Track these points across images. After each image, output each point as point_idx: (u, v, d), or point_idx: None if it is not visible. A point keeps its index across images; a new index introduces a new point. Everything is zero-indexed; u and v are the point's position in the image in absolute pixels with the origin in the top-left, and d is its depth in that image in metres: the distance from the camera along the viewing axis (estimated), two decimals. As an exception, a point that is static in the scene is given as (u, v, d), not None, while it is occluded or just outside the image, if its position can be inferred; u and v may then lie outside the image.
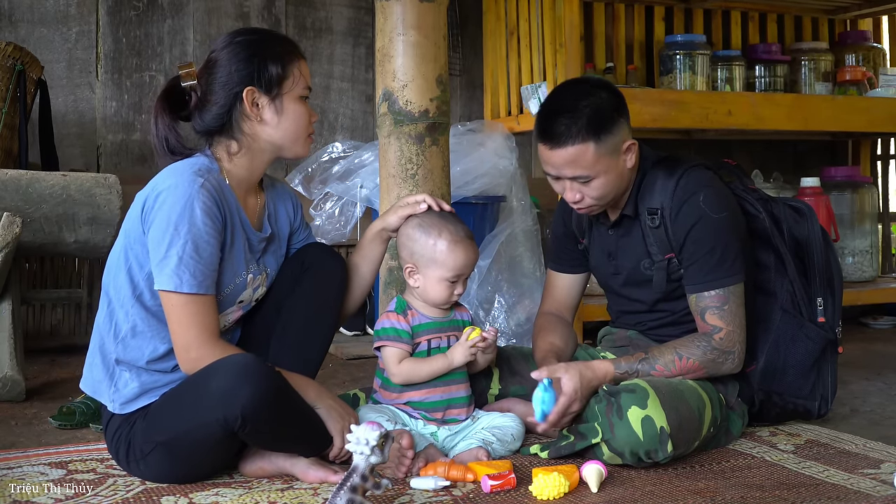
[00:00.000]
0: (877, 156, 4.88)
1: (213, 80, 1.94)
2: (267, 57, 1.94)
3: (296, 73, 1.97)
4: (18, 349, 2.76)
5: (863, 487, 1.87)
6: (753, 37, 4.52)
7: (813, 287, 2.32)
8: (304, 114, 1.99)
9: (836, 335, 2.31)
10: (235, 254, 1.96)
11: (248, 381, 1.76)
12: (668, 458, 1.96)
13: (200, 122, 1.96)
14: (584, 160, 2.08)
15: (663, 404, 1.96)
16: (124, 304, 1.92)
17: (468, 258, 2.13)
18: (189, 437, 1.82)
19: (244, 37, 1.98)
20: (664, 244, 2.18)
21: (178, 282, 1.83)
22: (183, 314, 1.85)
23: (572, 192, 2.14)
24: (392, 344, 2.11)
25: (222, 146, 1.97)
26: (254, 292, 2.04)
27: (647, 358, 2.12)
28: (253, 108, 1.94)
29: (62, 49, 3.71)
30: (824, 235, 2.36)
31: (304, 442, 1.92)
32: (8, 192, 2.75)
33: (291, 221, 2.16)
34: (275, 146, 1.99)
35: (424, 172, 2.50)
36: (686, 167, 2.18)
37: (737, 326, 2.13)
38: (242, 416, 1.75)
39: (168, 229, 1.82)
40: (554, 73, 3.56)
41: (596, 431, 1.99)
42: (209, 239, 1.85)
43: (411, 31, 2.50)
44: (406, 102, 2.50)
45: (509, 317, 3.34)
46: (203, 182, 1.86)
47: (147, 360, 1.91)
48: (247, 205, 2.02)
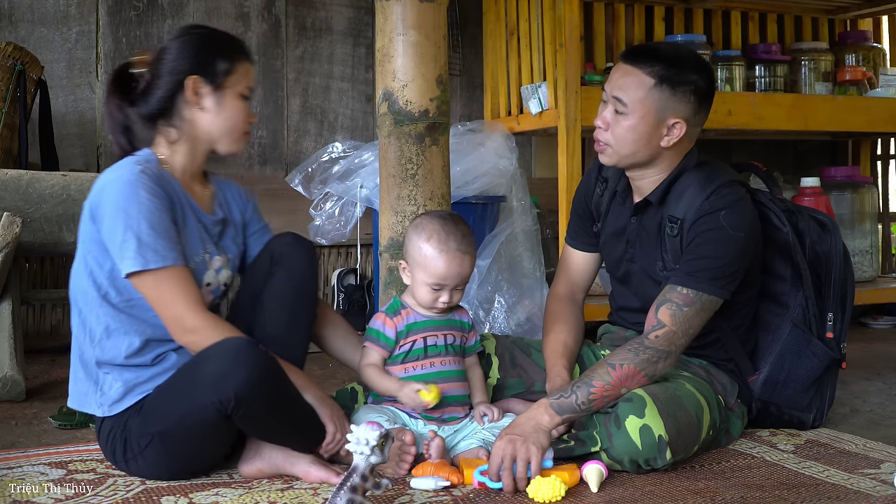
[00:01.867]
0: (877, 156, 4.88)
1: (162, 66, 2.01)
2: (216, 51, 2.02)
3: (240, 72, 2.04)
4: (18, 349, 2.77)
5: (863, 487, 1.87)
6: (753, 37, 4.51)
7: (826, 302, 2.31)
8: (243, 111, 2.06)
9: (840, 351, 2.31)
10: (189, 233, 1.99)
11: (242, 363, 1.78)
12: (667, 465, 1.95)
13: (144, 105, 2.03)
14: (634, 88, 2.11)
15: (661, 412, 1.95)
16: (93, 307, 1.96)
17: (452, 270, 2.11)
18: (184, 423, 1.83)
19: (198, 30, 2.08)
20: (678, 255, 2.15)
21: (144, 260, 1.86)
22: (162, 291, 1.88)
23: (604, 118, 2.15)
24: (370, 345, 2.16)
25: (162, 135, 2.04)
26: (217, 274, 2.06)
27: (580, 380, 2.02)
28: (194, 96, 2.00)
29: (62, 49, 3.71)
30: (845, 252, 2.34)
31: (298, 432, 1.93)
32: (8, 192, 2.75)
33: (243, 211, 2.20)
34: (211, 137, 2.05)
35: (424, 172, 2.50)
36: (719, 184, 2.12)
37: (681, 330, 2.04)
38: (236, 398, 1.77)
39: (119, 215, 1.87)
40: (554, 73, 3.56)
41: (595, 440, 1.99)
42: (161, 214, 1.90)
43: (411, 31, 2.50)
44: (406, 102, 2.50)
45: (509, 317, 3.34)
46: (142, 168, 1.92)
47: (126, 356, 1.93)
48: (194, 192, 2.07)
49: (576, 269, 2.45)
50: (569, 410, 1.98)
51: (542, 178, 4.32)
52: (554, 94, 3.55)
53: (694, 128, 2.17)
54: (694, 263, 2.08)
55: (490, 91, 4.08)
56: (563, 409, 1.98)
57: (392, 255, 2.52)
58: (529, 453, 1.87)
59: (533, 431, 1.92)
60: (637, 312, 2.32)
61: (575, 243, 2.45)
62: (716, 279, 2.06)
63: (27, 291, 3.14)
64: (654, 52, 2.16)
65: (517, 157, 3.58)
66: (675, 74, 2.11)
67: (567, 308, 2.39)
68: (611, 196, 2.33)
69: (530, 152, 4.39)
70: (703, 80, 2.15)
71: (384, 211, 2.56)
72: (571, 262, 2.45)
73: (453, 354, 2.18)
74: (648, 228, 2.23)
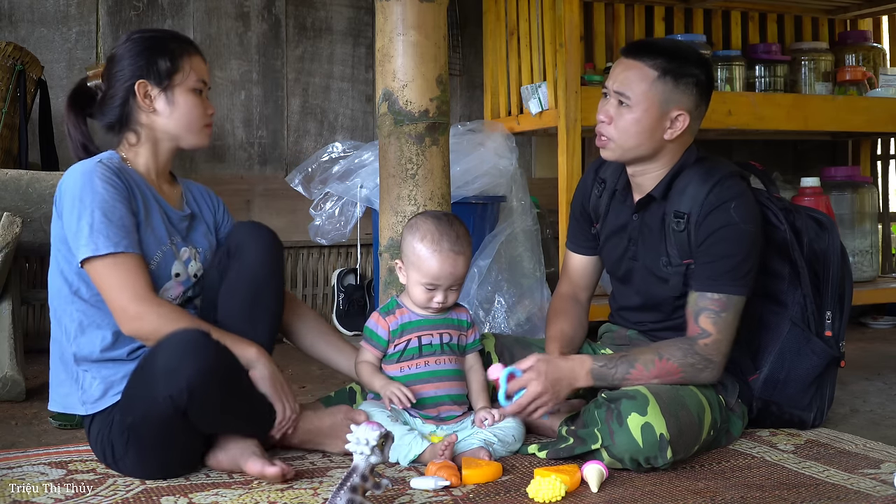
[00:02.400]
0: (877, 156, 4.88)
1: (112, 76, 2.05)
2: (157, 52, 2.03)
3: (186, 68, 2.05)
4: (18, 349, 2.77)
5: (863, 487, 1.87)
6: (753, 37, 4.51)
7: (824, 300, 2.31)
8: (197, 105, 2.07)
9: (839, 349, 2.31)
10: (154, 224, 2.01)
11: (193, 355, 1.78)
12: (667, 464, 1.96)
13: (102, 116, 2.07)
14: (637, 81, 2.12)
15: (663, 411, 1.95)
16: (65, 304, 1.98)
17: (445, 270, 2.11)
18: (147, 418, 1.84)
19: (140, 34, 2.08)
20: (684, 250, 2.16)
21: (95, 246, 1.88)
22: (110, 277, 1.89)
23: (606, 112, 2.16)
24: (365, 344, 2.19)
25: (125, 140, 2.07)
26: (186, 265, 2.06)
27: (627, 355, 2.10)
28: (145, 100, 2.03)
29: (62, 49, 3.71)
30: (843, 250, 2.34)
31: (249, 421, 1.95)
32: (8, 192, 2.75)
33: (214, 212, 2.21)
34: (171, 136, 2.07)
35: (424, 172, 2.50)
36: (721, 175, 2.15)
37: (725, 337, 2.09)
38: (189, 391, 1.76)
39: (74, 205, 1.90)
40: (554, 73, 3.56)
41: (596, 437, 1.99)
42: (115, 203, 1.92)
43: (411, 31, 2.50)
44: (406, 102, 2.50)
45: (509, 317, 3.34)
46: (99, 161, 1.96)
47: (100, 350, 1.95)
48: (161, 189, 2.09)
49: (577, 273, 2.45)
50: (603, 381, 2.08)
51: (542, 178, 4.33)
52: (554, 94, 3.55)
53: (695, 121, 2.19)
54: (715, 266, 2.10)
55: (490, 91, 4.08)
56: (600, 377, 2.08)
57: (392, 254, 2.52)
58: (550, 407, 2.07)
59: (566, 388, 2.08)
60: (638, 311, 2.33)
61: (575, 247, 2.46)
62: (739, 278, 2.10)
63: (27, 291, 3.14)
64: (655, 45, 2.19)
65: (517, 157, 3.58)
66: (678, 67, 2.13)
67: (569, 304, 2.40)
68: (610, 195, 2.33)
69: (530, 152, 4.39)
70: (703, 74, 2.18)
71: (384, 211, 2.56)
72: (573, 266, 2.46)
73: (450, 353, 2.18)
74: (651, 225, 2.23)
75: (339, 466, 2.02)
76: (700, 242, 2.12)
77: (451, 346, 2.19)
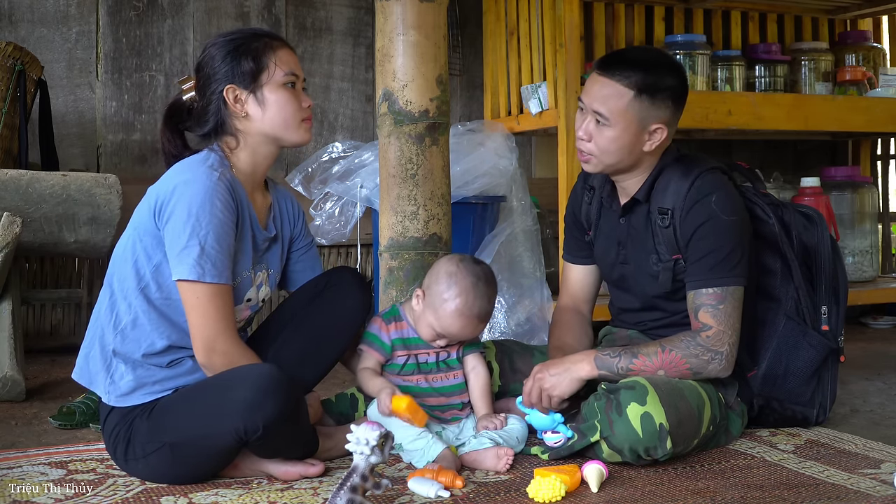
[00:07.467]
0: (877, 156, 4.87)
1: (201, 87, 2.01)
2: (239, 53, 1.98)
3: (272, 65, 1.99)
4: (18, 349, 2.76)
5: (863, 487, 1.87)
6: (753, 37, 4.51)
7: (818, 294, 2.32)
8: (291, 100, 2.00)
9: (838, 344, 2.31)
10: (244, 248, 1.98)
11: (273, 394, 1.78)
12: (667, 455, 1.96)
13: (198, 128, 2.02)
14: (614, 100, 2.12)
15: (663, 401, 1.96)
16: (127, 295, 1.93)
17: (464, 332, 2.14)
18: (201, 442, 1.83)
19: (221, 38, 2.03)
20: (672, 245, 2.18)
21: (201, 271, 1.85)
22: (207, 305, 1.87)
23: (585, 129, 2.16)
24: (366, 348, 2.17)
25: (224, 145, 2.02)
26: (258, 290, 2.05)
27: (631, 348, 2.12)
28: (236, 105, 1.98)
29: (62, 49, 3.71)
30: (833, 244, 2.35)
31: (304, 448, 1.97)
32: (8, 192, 2.75)
33: (293, 227, 2.18)
34: (269, 137, 2.02)
35: (424, 172, 2.50)
36: (701, 170, 2.17)
37: (728, 328, 2.09)
38: (264, 428, 1.77)
39: (189, 220, 1.85)
40: (554, 73, 3.56)
41: (595, 429, 2.00)
42: (228, 231, 1.89)
43: (411, 31, 2.49)
44: (406, 102, 2.50)
45: (509, 317, 3.34)
46: (219, 175, 1.90)
47: (143, 354, 1.92)
48: (255, 202, 2.05)
49: (577, 286, 2.46)
50: (607, 370, 2.09)
51: (542, 178, 4.32)
52: (554, 94, 3.55)
53: (673, 126, 2.21)
54: (705, 262, 2.11)
55: (490, 91, 4.08)
56: (604, 366, 2.09)
57: (392, 255, 2.52)
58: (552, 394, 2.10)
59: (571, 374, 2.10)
60: (638, 312, 2.33)
61: (572, 258, 2.47)
62: (731, 268, 2.10)
63: (27, 291, 3.14)
64: (627, 60, 2.17)
65: (517, 157, 3.58)
66: (653, 81, 2.13)
67: (571, 316, 2.42)
68: (599, 203, 2.35)
69: (530, 152, 4.39)
70: (678, 82, 2.18)
71: (384, 211, 2.56)
72: (572, 278, 2.47)
73: (446, 370, 2.20)
74: (637, 226, 2.25)
75: (339, 467, 2.03)
76: (687, 239, 2.14)
77: (447, 362, 2.21)
